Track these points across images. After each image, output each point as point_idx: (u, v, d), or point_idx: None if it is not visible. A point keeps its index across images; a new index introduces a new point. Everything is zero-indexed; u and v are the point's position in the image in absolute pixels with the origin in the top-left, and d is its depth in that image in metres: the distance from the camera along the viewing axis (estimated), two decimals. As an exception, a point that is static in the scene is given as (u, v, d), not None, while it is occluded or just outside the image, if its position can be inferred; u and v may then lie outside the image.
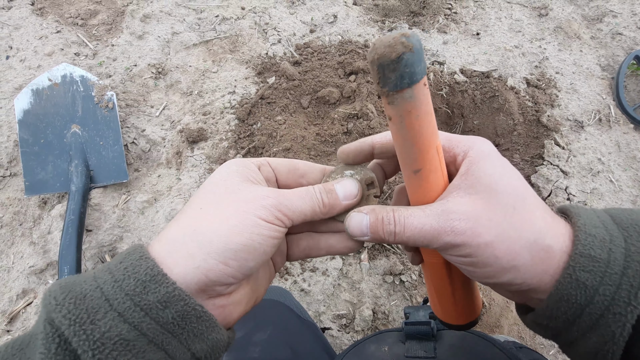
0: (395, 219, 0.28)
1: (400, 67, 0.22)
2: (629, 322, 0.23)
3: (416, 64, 0.23)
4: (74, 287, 0.24)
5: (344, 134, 1.08)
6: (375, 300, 0.90)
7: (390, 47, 0.22)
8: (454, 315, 0.34)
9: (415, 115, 0.25)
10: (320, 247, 0.34)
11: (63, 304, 0.22)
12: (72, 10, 1.30)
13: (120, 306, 0.23)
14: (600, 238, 0.25)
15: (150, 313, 0.23)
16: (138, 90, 1.17)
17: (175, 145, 1.10)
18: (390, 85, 0.23)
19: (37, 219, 1.00)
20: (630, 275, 0.23)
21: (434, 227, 0.26)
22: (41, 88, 1.07)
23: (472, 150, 0.28)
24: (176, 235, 0.27)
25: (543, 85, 1.22)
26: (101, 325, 0.22)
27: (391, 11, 1.39)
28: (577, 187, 1.06)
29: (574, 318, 0.24)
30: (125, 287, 0.23)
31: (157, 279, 0.24)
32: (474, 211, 0.26)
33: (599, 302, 0.23)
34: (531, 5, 1.41)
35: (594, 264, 0.24)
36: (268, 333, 0.57)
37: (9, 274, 0.94)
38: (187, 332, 0.24)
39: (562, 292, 0.24)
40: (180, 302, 0.24)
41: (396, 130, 0.26)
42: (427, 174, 0.27)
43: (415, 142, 0.26)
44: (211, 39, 1.28)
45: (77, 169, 0.99)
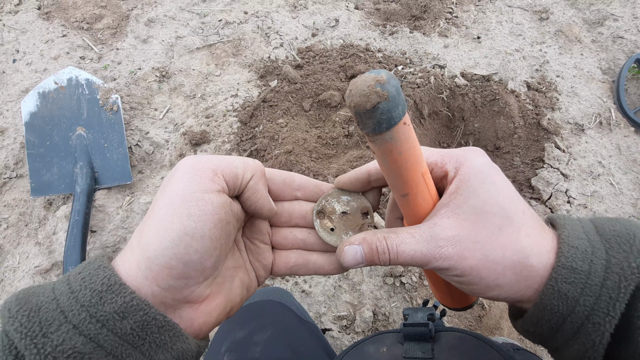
0: (389, 247, 0.28)
1: (376, 115, 0.23)
2: (607, 331, 0.24)
3: (393, 110, 0.23)
4: (30, 299, 0.23)
5: (345, 136, 1.09)
6: (376, 301, 0.91)
7: (365, 97, 0.22)
8: (450, 301, 0.37)
9: (397, 152, 0.25)
10: (309, 266, 0.33)
11: (16, 317, 0.22)
12: (78, 15, 1.33)
13: (76, 318, 0.22)
14: (583, 250, 0.26)
15: (107, 324, 0.22)
16: (142, 94, 1.19)
17: (179, 148, 1.12)
18: (369, 129, 0.24)
19: (43, 220, 1.02)
20: (610, 287, 0.24)
21: (424, 254, 0.27)
22: (47, 91, 1.09)
23: (463, 167, 0.29)
24: (128, 245, 0.26)
25: (544, 88, 1.23)
26: (54, 338, 0.21)
27: (392, 15, 1.40)
28: (577, 190, 1.07)
29: (557, 326, 0.26)
30: (81, 298, 0.23)
31: (113, 289, 0.23)
32: (459, 235, 0.27)
33: (579, 312, 0.25)
34: (532, 9, 1.41)
35: (575, 275, 0.25)
36: (269, 333, 0.58)
37: (14, 274, 0.95)
38: (149, 342, 0.23)
39: (546, 302, 0.25)
40: (139, 312, 0.23)
41: (381, 163, 0.27)
42: (414, 197, 0.29)
43: (400, 174, 0.27)
44: (214, 43, 1.30)
45: (82, 171, 1.01)
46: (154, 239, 0.24)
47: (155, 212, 0.25)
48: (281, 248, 0.34)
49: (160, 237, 0.24)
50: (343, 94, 1.16)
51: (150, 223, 0.25)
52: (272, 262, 0.34)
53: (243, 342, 0.56)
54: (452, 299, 0.37)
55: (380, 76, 0.22)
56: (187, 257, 0.25)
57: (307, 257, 0.34)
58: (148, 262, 0.24)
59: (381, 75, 0.22)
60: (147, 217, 0.26)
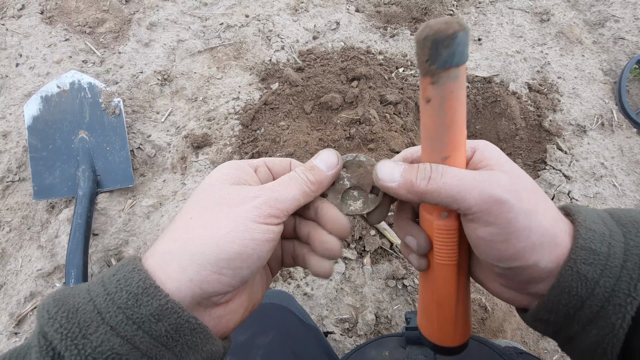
0: (432, 168, 0.27)
1: (453, 44, 0.23)
2: (629, 314, 0.23)
3: (465, 45, 0.24)
4: (67, 300, 0.24)
5: (346, 139, 1.10)
6: (378, 304, 0.90)
7: (447, 25, 0.23)
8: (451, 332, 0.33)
9: (456, 97, 0.25)
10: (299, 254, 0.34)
11: (55, 318, 0.22)
12: (81, 19, 1.33)
13: (113, 319, 0.23)
14: (600, 233, 0.25)
15: (143, 326, 0.23)
16: (144, 97, 1.19)
17: (180, 151, 1.12)
18: (440, 62, 0.23)
19: (45, 223, 1.02)
20: (630, 268, 0.24)
21: (477, 180, 0.25)
22: (50, 95, 1.09)
23: (479, 147, 0.29)
24: (168, 248, 0.26)
25: (545, 90, 1.23)
26: (93, 340, 0.22)
27: (393, 18, 1.40)
28: (580, 192, 1.06)
29: (574, 311, 0.25)
30: (117, 300, 0.23)
31: (149, 292, 0.24)
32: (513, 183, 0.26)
33: (599, 294, 0.24)
34: (532, 10, 1.42)
35: (594, 256, 0.24)
36: (270, 337, 0.57)
37: (17, 277, 0.95)
38: (181, 344, 0.24)
39: (564, 285, 0.25)
40: (174, 314, 0.24)
41: (433, 113, 0.26)
42: (454, 161, 0.27)
43: (450, 126, 0.26)
44: (216, 46, 1.30)
45: (84, 174, 1.01)
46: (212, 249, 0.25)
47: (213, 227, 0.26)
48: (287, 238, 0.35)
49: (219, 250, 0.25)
50: (344, 96, 1.16)
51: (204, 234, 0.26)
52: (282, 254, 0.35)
53: (245, 345, 0.56)
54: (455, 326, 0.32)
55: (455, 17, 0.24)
56: (239, 271, 0.26)
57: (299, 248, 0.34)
58: (199, 268, 0.25)
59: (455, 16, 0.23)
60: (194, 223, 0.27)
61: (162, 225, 1.01)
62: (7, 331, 0.88)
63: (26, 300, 0.92)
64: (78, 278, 0.85)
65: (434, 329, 0.33)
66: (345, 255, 0.95)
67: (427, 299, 0.33)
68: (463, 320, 0.32)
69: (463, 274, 0.31)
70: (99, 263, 0.95)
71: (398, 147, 1.03)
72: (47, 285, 0.93)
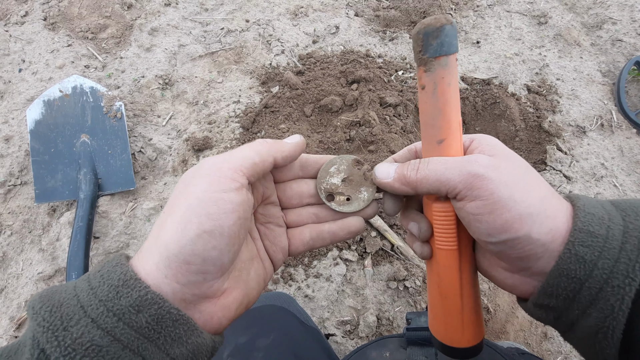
0: (420, 160, 0.30)
1: (442, 35, 0.27)
2: (628, 295, 0.23)
3: (453, 37, 0.28)
4: (53, 296, 0.24)
5: (346, 141, 1.10)
6: (380, 306, 0.90)
7: (435, 20, 0.27)
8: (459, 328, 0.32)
9: (447, 82, 0.28)
10: (324, 236, 0.34)
11: (39, 313, 0.23)
12: (83, 25, 1.35)
13: (94, 312, 0.23)
14: (599, 216, 0.25)
15: (123, 318, 0.23)
16: (145, 101, 1.20)
17: (181, 154, 1.12)
18: (431, 51, 0.28)
19: (46, 227, 1.02)
20: (629, 250, 0.24)
21: (458, 161, 0.28)
22: (52, 99, 1.10)
23: (478, 136, 0.31)
24: (146, 246, 0.26)
25: (544, 91, 1.23)
26: (73, 332, 0.22)
27: (392, 22, 1.41)
28: (580, 192, 1.06)
29: (574, 294, 0.25)
30: (99, 293, 0.23)
31: (129, 284, 0.24)
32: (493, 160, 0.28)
33: (597, 275, 0.24)
34: (530, 13, 1.43)
35: (592, 239, 0.24)
36: (271, 339, 0.57)
37: (18, 281, 0.95)
38: (164, 336, 0.24)
39: (562, 267, 0.25)
40: (154, 305, 0.23)
41: (427, 98, 0.29)
42: (450, 144, 0.30)
43: (443, 110, 0.29)
44: (216, 51, 1.31)
45: (86, 177, 1.02)
46: (173, 237, 0.25)
47: (174, 213, 0.26)
48: (295, 225, 0.35)
49: (178, 236, 0.25)
50: (344, 99, 1.17)
51: (168, 223, 0.26)
52: (288, 243, 0.35)
53: (245, 347, 0.56)
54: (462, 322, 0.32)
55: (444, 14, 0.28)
56: (206, 254, 0.25)
57: (320, 228, 0.35)
58: (167, 261, 0.25)
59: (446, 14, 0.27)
60: (163, 219, 0.27)
61: (163, 228, 1.01)
62: (7, 335, 0.88)
63: (27, 303, 0.91)
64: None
65: (441, 325, 0.33)
66: (346, 257, 0.94)
67: (434, 293, 0.33)
68: (471, 317, 0.32)
69: (466, 264, 0.32)
70: (100, 266, 0.95)
71: (398, 148, 1.04)
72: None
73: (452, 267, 0.31)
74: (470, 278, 0.32)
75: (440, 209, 0.31)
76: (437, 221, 0.31)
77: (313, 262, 0.94)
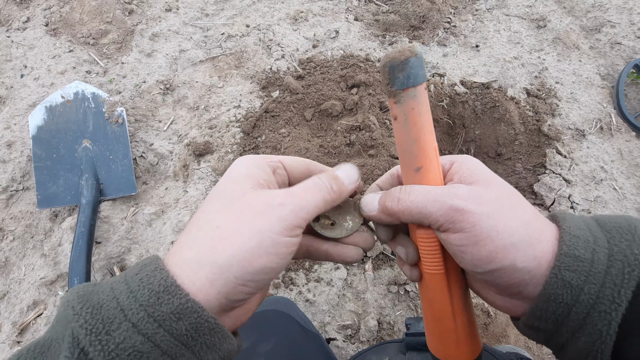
0: (401, 189, 0.30)
1: (407, 67, 0.28)
2: (614, 320, 0.23)
3: (419, 68, 0.28)
4: (91, 297, 0.24)
5: (346, 145, 1.10)
6: (380, 310, 0.90)
7: (399, 53, 0.28)
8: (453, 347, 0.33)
9: (417, 112, 0.29)
10: (319, 252, 0.35)
11: (80, 314, 0.23)
12: (84, 30, 1.36)
13: (135, 317, 0.23)
14: (585, 239, 0.26)
15: (163, 324, 0.23)
16: (147, 106, 1.21)
17: (182, 159, 1.13)
18: (398, 84, 0.28)
19: (48, 232, 1.03)
20: (614, 274, 0.24)
21: (438, 193, 0.28)
22: (54, 105, 1.11)
23: (458, 160, 0.31)
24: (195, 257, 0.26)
25: (543, 95, 1.24)
26: (116, 336, 0.22)
27: (391, 26, 1.42)
28: (580, 195, 1.06)
29: (562, 318, 0.25)
30: (139, 297, 0.24)
31: (170, 290, 0.24)
32: (474, 191, 0.28)
33: (584, 300, 0.24)
34: (529, 17, 1.43)
35: (578, 263, 0.25)
36: (272, 344, 0.57)
37: (20, 286, 0.96)
38: (200, 344, 0.24)
39: (550, 292, 0.25)
40: (194, 314, 0.24)
41: (400, 128, 0.30)
42: (427, 171, 0.30)
43: (417, 139, 0.29)
44: (217, 56, 1.32)
45: (88, 183, 1.02)
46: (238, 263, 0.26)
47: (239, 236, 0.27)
48: None
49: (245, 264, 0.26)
50: (344, 103, 1.17)
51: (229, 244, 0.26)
52: None
53: (246, 353, 0.56)
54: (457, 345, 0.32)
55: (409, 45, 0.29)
56: (262, 282, 0.27)
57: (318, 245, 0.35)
58: (226, 282, 0.26)
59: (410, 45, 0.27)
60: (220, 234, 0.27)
61: (164, 232, 1.01)
62: (9, 340, 0.88)
63: (29, 308, 0.92)
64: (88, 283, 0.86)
65: (437, 344, 0.34)
66: (346, 261, 0.95)
67: (427, 315, 0.34)
68: (465, 334, 0.32)
69: (456, 285, 0.32)
70: (102, 271, 0.96)
71: (397, 153, 1.04)
72: (49, 294, 0.94)
73: (441, 289, 0.32)
74: (461, 299, 0.32)
75: (424, 235, 0.31)
76: (423, 247, 0.32)
77: (314, 267, 0.95)
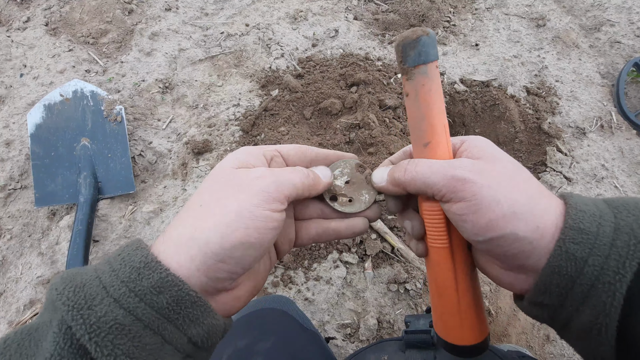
0: (409, 162, 0.32)
1: (419, 45, 0.29)
2: (619, 292, 0.23)
3: (430, 47, 0.29)
4: (75, 278, 0.25)
5: (346, 143, 1.10)
6: (380, 309, 0.89)
7: (412, 32, 0.29)
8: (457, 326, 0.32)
9: (427, 89, 0.29)
10: (329, 233, 0.36)
11: (63, 293, 0.24)
12: (84, 30, 1.36)
13: (116, 292, 0.24)
14: (590, 213, 0.26)
15: (144, 298, 0.24)
16: (146, 105, 1.21)
17: (181, 157, 1.13)
18: (410, 61, 0.29)
19: (46, 230, 1.02)
20: (619, 246, 0.24)
21: (443, 165, 0.29)
22: (53, 103, 1.11)
23: (468, 140, 0.32)
24: (179, 235, 0.27)
25: (543, 93, 1.23)
26: (97, 310, 0.23)
27: (391, 25, 1.42)
28: (581, 193, 1.06)
29: (566, 291, 0.25)
30: (121, 275, 0.24)
31: (150, 266, 0.25)
32: (477, 164, 0.28)
33: (588, 272, 0.24)
34: (529, 16, 1.43)
35: (583, 236, 0.25)
36: (270, 343, 0.57)
37: (17, 285, 0.95)
38: (183, 317, 0.25)
39: (554, 265, 0.25)
40: (174, 287, 0.25)
41: (411, 104, 0.31)
42: (435, 147, 0.31)
43: (427, 115, 0.30)
44: (216, 55, 1.32)
45: (86, 181, 1.02)
46: (215, 238, 0.26)
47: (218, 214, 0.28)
48: (302, 218, 0.37)
49: (222, 239, 0.26)
50: (343, 101, 1.17)
51: (210, 222, 0.27)
52: (295, 236, 0.37)
53: (245, 351, 0.55)
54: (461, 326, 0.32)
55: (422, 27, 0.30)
56: (241, 259, 0.27)
57: (326, 225, 0.37)
58: (204, 257, 0.26)
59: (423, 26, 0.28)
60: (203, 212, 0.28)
61: (163, 231, 1.01)
62: (6, 339, 0.87)
63: (25, 307, 0.91)
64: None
65: (441, 323, 0.34)
66: (346, 260, 0.94)
67: (432, 291, 0.35)
68: (469, 315, 0.32)
69: (460, 262, 0.32)
70: (99, 270, 0.95)
71: (397, 150, 1.03)
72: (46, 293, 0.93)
73: (446, 264, 0.32)
74: (466, 275, 0.32)
75: (429, 208, 0.32)
76: (428, 220, 0.33)
77: (313, 265, 0.94)
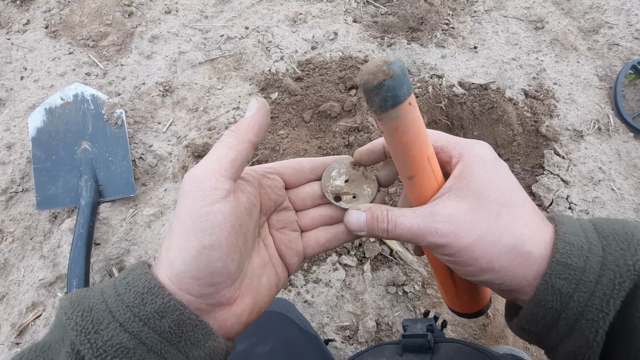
0: (388, 218, 0.30)
1: (382, 92, 0.25)
2: (601, 328, 0.24)
3: (398, 88, 0.25)
4: (83, 301, 0.26)
5: (345, 146, 1.11)
6: (379, 311, 0.90)
7: (372, 75, 0.24)
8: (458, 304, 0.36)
9: (402, 131, 0.27)
10: (339, 237, 0.36)
11: (72, 317, 0.25)
12: (84, 33, 1.37)
13: (122, 317, 0.25)
14: (579, 246, 0.26)
15: (148, 323, 0.25)
16: (146, 108, 1.21)
17: (181, 160, 1.13)
18: (376, 106, 0.26)
19: (48, 233, 1.03)
20: (604, 284, 0.24)
21: (421, 228, 0.29)
22: (54, 107, 1.12)
23: (468, 154, 0.30)
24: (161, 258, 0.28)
25: (541, 96, 1.24)
26: (104, 335, 0.24)
27: (390, 27, 1.43)
28: (578, 196, 1.07)
29: (552, 323, 0.26)
30: (126, 299, 0.25)
31: (153, 291, 0.26)
32: (458, 214, 0.28)
33: (573, 308, 0.25)
34: (527, 19, 1.44)
35: (569, 271, 0.25)
36: (270, 346, 0.57)
37: (19, 287, 0.96)
38: (184, 340, 0.26)
39: (540, 298, 0.26)
40: (176, 311, 0.25)
41: (388, 142, 0.29)
42: (420, 180, 0.30)
43: (406, 154, 0.28)
44: (216, 58, 1.33)
45: (87, 184, 1.02)
46: (177, 256, 0.26)
47: (174, 230, 0.28)
48: (309, 229, 0.37)
49: (182, 254, 0.26)
50: (343, 104, 1.18)
51: (173, 242, 0.27)
52: (303, 247, 0.36)
53: (244, 354, 0.56)
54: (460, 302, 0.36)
55: (387, 58, 0.25)
56: (211, 267, 0.26)
57: (334, 230, 0.36)
58: (177, 277, 0.26)
59: (388, 58, 0.25)
60: (169, 235, 0.28)
61: (164, 234, 1.02)
62: (8, 341, 0.88)
63: (28, 310, 0.92)
64: (80, 287, 0.86)
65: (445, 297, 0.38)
66: (345, 262, 0.95)
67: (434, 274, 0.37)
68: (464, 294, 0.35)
69: None
70: (101, 272, 0.96)
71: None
72: (48, 295, 0.94)
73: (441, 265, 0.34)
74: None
75: None
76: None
77: (312, 268, 0.95)
